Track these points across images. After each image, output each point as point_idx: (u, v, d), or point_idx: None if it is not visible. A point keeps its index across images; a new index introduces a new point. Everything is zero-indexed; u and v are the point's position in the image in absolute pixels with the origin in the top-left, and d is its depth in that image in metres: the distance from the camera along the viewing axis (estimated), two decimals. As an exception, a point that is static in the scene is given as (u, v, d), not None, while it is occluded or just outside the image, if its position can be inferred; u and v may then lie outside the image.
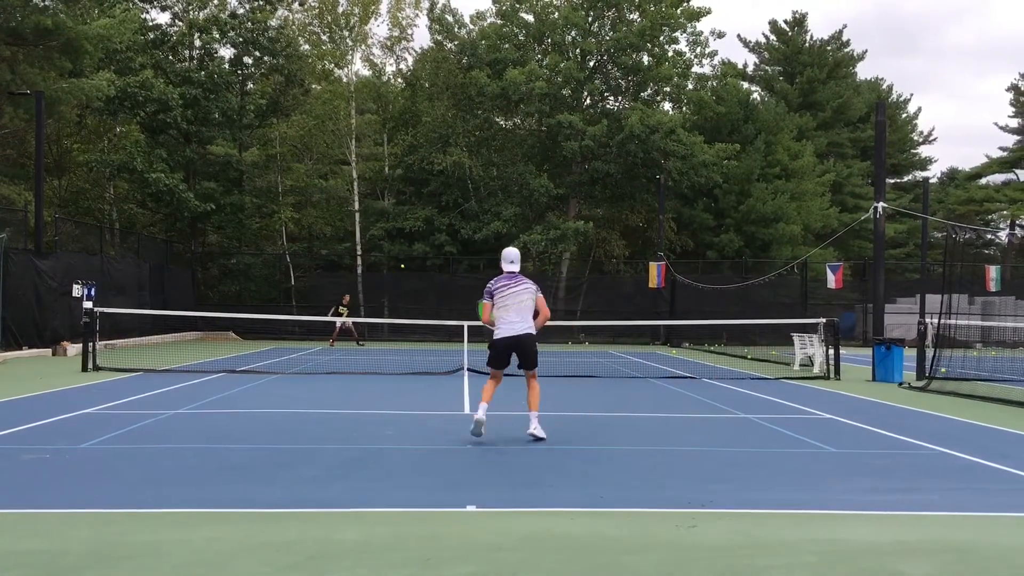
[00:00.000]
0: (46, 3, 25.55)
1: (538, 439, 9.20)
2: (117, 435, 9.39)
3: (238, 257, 38.20)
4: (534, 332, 9.43)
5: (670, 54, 40.06)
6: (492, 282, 9.56)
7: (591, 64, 40.04)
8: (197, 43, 37.21)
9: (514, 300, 9.33)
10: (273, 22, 37.82)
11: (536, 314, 9.52)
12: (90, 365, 17.33)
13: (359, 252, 38.73)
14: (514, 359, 9.58)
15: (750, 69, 56.45)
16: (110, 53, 30.46)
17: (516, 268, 9.65)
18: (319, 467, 7.82)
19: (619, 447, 9.21)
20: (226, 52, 38.16)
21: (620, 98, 41.53)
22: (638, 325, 33.38)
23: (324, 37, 40.13)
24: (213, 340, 32.03)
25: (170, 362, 19.65)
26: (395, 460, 8.23)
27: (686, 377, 18.55)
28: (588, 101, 41.03)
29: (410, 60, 43.68)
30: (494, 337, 9.51)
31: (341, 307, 29.57)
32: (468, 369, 18.20)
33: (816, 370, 19.64)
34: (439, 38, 40.90)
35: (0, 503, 6.28)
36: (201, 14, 37.05)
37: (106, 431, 9.59)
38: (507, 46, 39.22)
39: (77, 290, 24.43)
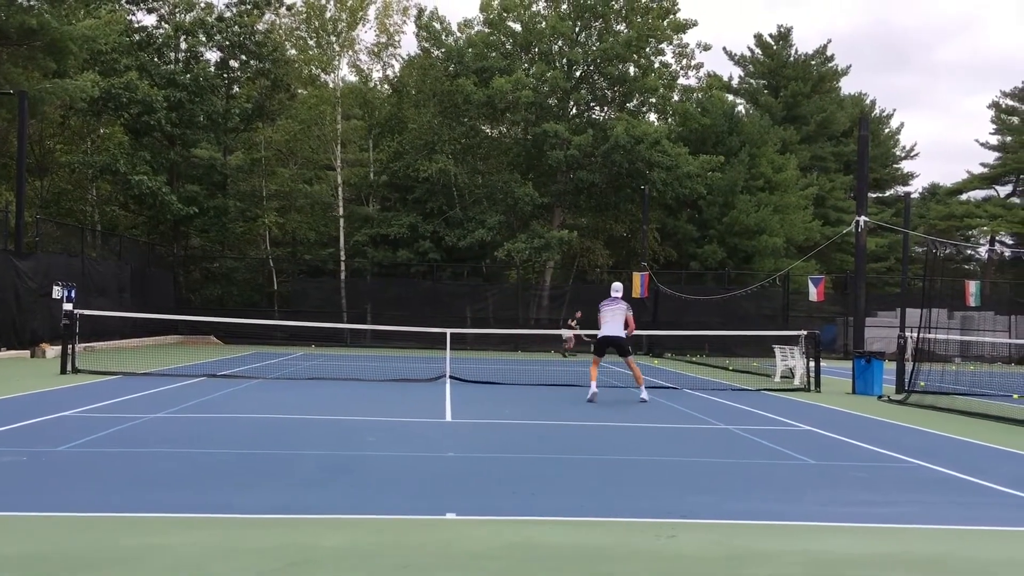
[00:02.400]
0: (31, 3, 25.42)
1: (643, 401, 14.69)
2: (96, 438, 9.33)
3: (221, 261, 38.04)
4: (623, 335, 15.12)
5: (656, 65, 40.28)
6: (602, 303, 15.32)
7: (577, 74, 40.18)
8: (183, 46, 37.09)
9: (610, 315, 15.04)
10: (260, 26, 37.77)
11: (627, 324, 15.08)
12: (69, 367, 17.21)
13: (343, 258, 38.65)
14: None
15: (735, 82, 56.82)
16: (95, 54, 30.33)
17: (619, 294, 15.39)
18: (300, 473, 7.80)
19: (600, 456, 9.23)
20: (212, 55, 38.09)
21: (606, 108, 41.70)
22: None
23: (311, 42, 40.10)
24: (194, 344, 31.87)
25: (150, 365, 19.53)
26: (376, 467, 8.21)
27: (668, 387, 18.61)
28: (574, 111, 41.17)
29: (397, 67, 43.71)
30: (598, 336, 15.21)
31: (572, 321, 31.31)
32: (450, 376, 18.20)
33: (797, 382, 19.74)
34: (426, 45, 40.95)
35: (-24, 506, 6.23)
36: (187, 17, 36.94)
37: (85, 434, 9.53)
38: (494, 54, 39.30)
39: (57, 291, 24.24)
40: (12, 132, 25.78)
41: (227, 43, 36.58)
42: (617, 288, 15.51)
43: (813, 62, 55.56)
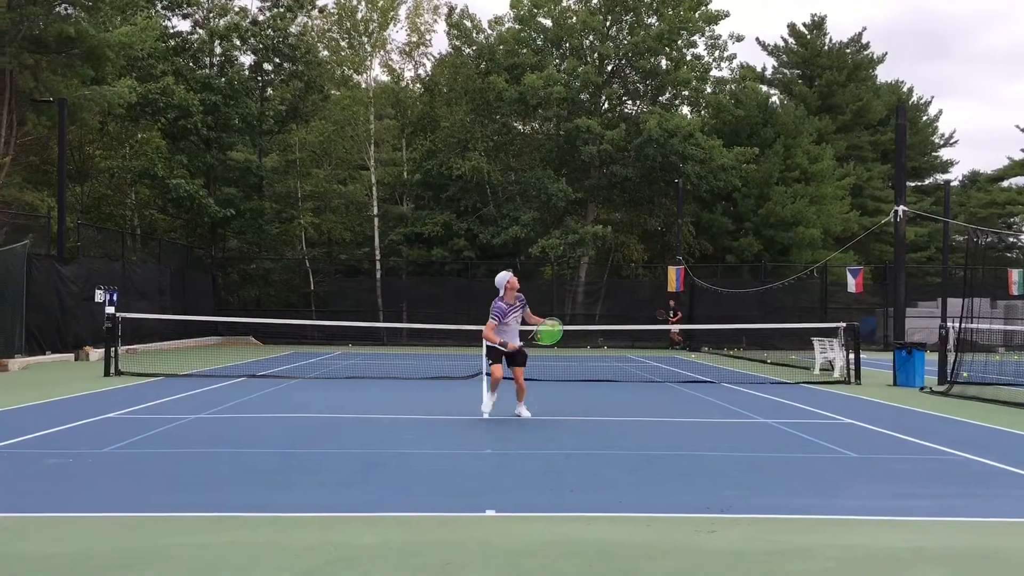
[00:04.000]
0: (69, 11, 25.81)
1: (518, 416, 11.82)
2: (139, 439, 9.48)
3: (258, 262, 38.41)
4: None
5: (688, 58, 40.00)
6: (503, 303, 11.76)
7: (609, 68, 40.01)
8: (217, 50, 37.50)
9: (514, 319, 11.83)
10: (293, 29, 38.07)
11: (523, 322, 12.14)
12: (112, 370, 17.49)
13: (378, 257, 38.86)
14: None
15: (768, 72, 56.24)
16: (132, 60, 30.74)
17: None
18: (338, 471, 7.86)
19: (638, 452, 9.20)
20: (246, 59, 38.46)
21: (638, 102, 41.51)
22: (657, 329, 33.27)
23: (343, 43, 40.33)
24: (233, 345, 32.22)
25: (191, 367, 19.80)
26: (414, 464, 8.25)
27: (705, 381, 18.49)
28: (606, 105, 41.01)
29: (428, 65, 43.83)
30: (512, 345, 11.84)
31: (666, 314, 32.46)
32: (486, 374, 18.20)
33: (836, 374, 19.53)
34: (457, 43, 40.99)
35: (24, 507, 6.36)
36: (222, 22, 37.34)
37: (129, 436, 9.68)
38: (525, 51, 39.25)
39: (99, 295, 24.65)
40: (53, 139, 26.21)
41: (261, 46, 36.91)
42: (513, 282, 11.71)
43: (848, 50, 54.82)
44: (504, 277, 11.55)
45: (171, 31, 37.10)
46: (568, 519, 6.19)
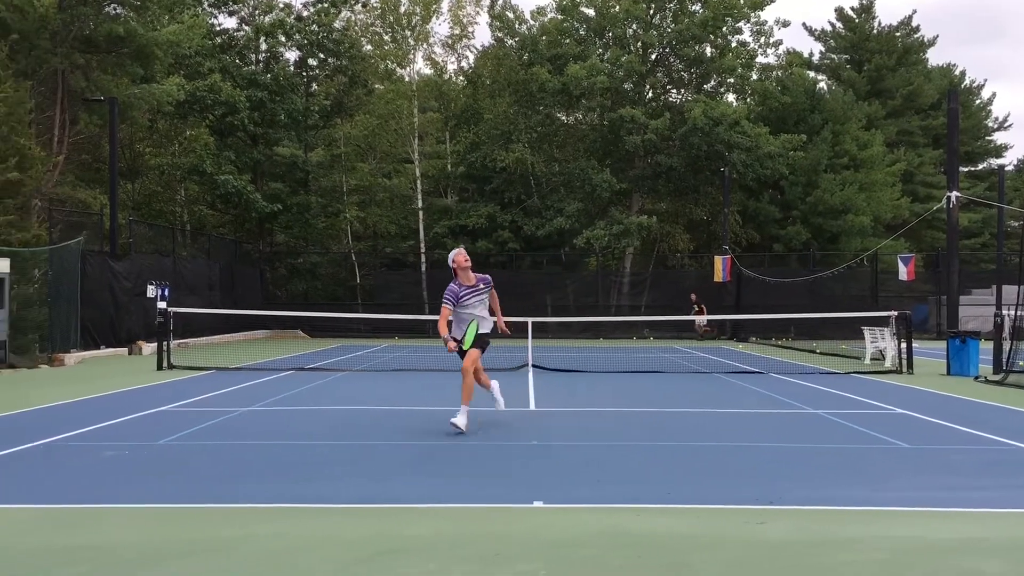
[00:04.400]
0: (118, 11, 26.25)
1: (454, 426, 9.43)
2: (191, 432, 9.64)
3: (305, 256, 38.83)
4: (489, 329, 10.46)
5: (733, 45, 39.53)
6: (461, 284, 9.93)
7: (653, 57, 39.70)
8: (263, 46, 37.93)
9: (478, 302, 10.03)
10: (337, 24, 38.35)
11: (491, 312, 10.57)
12: (164, 364, 17.80)
13: (423, 250, 39.05)
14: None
15: (816, 58, 55.37)
16: (179, 58, 31.21)
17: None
18: (386, 463, 7.93)
19: (685, 443, 9.14)
20: (291, 55, 38.89)
21: (683, 91, 41.14)
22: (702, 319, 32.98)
23: (386, 37, 40.57)
24: (281, 338, 32.62)
25: (241, 360, 20.09)
26: (462, 456, 8.29)
27: (753, 372, 18.31)
28: (650, 94, 40.71)
29: (471, 58, 43.92)
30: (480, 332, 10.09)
31: (694, 306, 33.07)
32: (532, 365, 18.25)
33: (888, 364, 19.21)
34: (500, 35, 40.98)
35: (81, 498, 6.50)
36: (267, 18, 37.74)
37: (181, 428, 9.85)
38: (568, 41, 39.10)
39: (151, 291, 25.11)
40: (104, 137, 26.70)
41: (305, 42, 37.27)
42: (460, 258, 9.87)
43: (897, 34, 53.76)
44: (452, 253, 9.90)
45: (217, 28, 37.62)
46: (616, 510, 6.17)
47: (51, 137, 24.99)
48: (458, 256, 9.78)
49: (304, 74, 38.69)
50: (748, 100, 41.29)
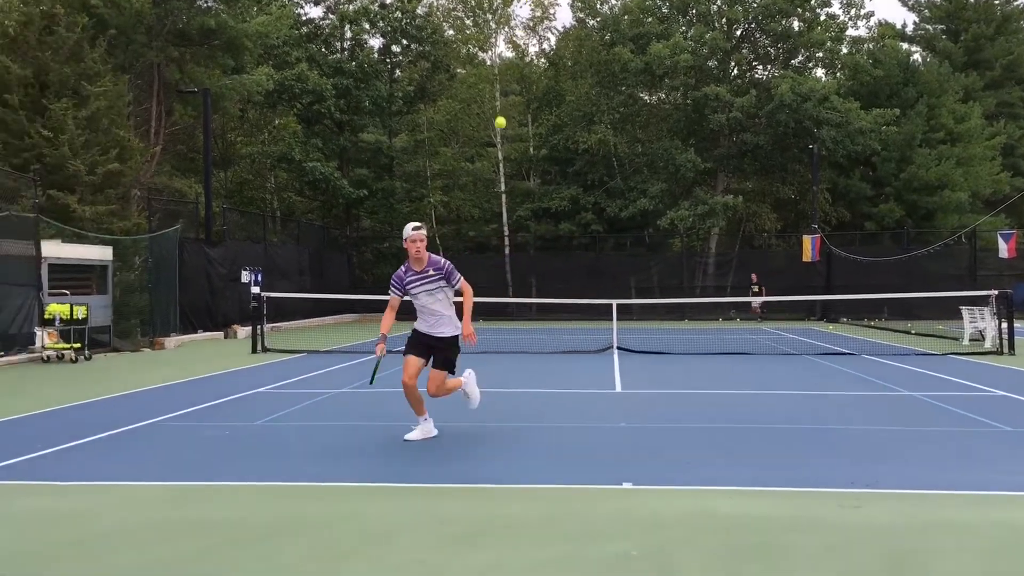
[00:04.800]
0: (209, 4, 27.01)
1: (407, 440, 8.11)
2: (287, 413, 9.94)
3: (391, 241, 39.40)
4: (450, 332, 8.25)
5: (822, 17, 38.51)
6: (409, 271, 8.33)
7: (738, 33, 38.93)
8: (348, 34, 38.52)
9: (426, 295, 8.20)
10: (419, 10, 38.68)
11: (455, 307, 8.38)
12: (259, 347, 18.34)
13: (506, 233, 39.22)
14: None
15: (909, 29, 53.44)
16: (268, 49, 31.95)
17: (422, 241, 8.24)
18: (480, 444, 8.05)
19: (775, 425, 9.02)
20: (375, 42, 39.39)
21: (769, 67, 40.26)
22: (792, 300, 32.36)
23: (468, 21, 40.76)
24: (369, 322, 33.19)
25: (331, 344, 20.55)
26: (550, 438, 8.36)
27: (845, 353, 17.92)
28: (735, 71, 39.96)
29: (553, 39, 43.80)
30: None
31: (753, 286, 32.65)
32: (617, 347, 18.21)
33: (988, 345, 18.56)
34: (581, 16, 40.74)
35: (186, 476, 6.78)
36: (352, 6, 38.29)
37: (277, 409, 10.17)
38: (650, 19, 38.64)
39: (245, 276, 25.87)
40: (198, 128, 27.56)
41: (389, 29, 37.73)
42: (422, 234, 8.04)
43: (996, 2, 51.48)
44: (406, 230, 7.99)
45: (303, 18, 38.34)
46: (706, 492, 6.15)
47: (148, 129, 25.91)
48: (412, 233, 7.90)
49: (388, 61, 39.16)
50: (838, 75, 40.18)
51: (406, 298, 8.19)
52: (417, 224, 8.09)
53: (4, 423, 9.37)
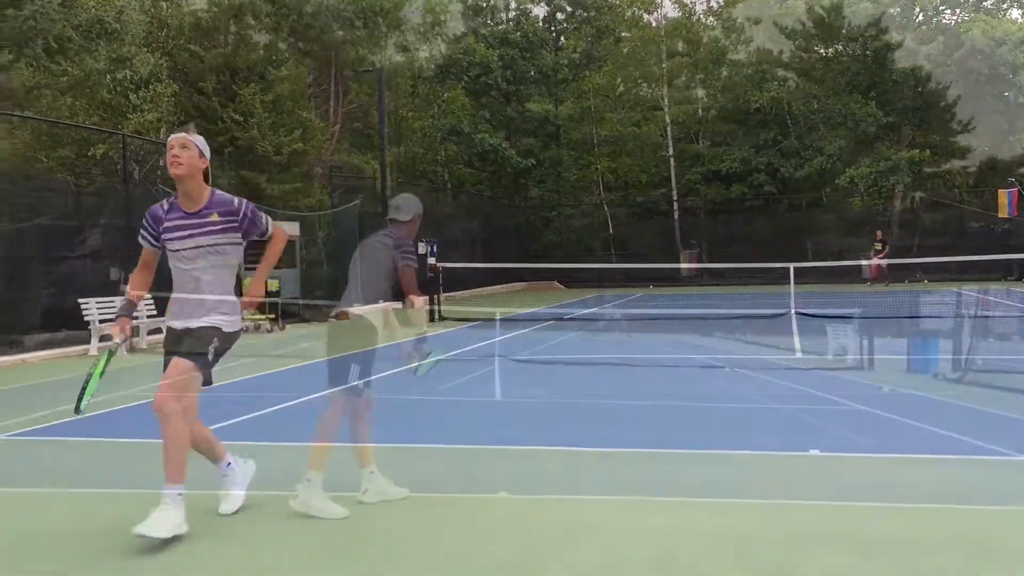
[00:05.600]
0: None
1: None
2: (466, 380, 10.23)
3: (559, 209, 39.65)
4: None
5: (1018, -47, 35.53)
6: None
7: (922, -24, 36.53)
8: (512, 4, 38.78)
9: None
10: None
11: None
12: (436, 316, 18.95)
13: (675, 197, 38.62)
14: None
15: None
16: (433, 25, 32.69)
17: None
18: (657, 411, 8.07)
19: (977, 388, 8.53)
20: (539, 11, 39.45)
21: (958, 11, 37.59)
22: (987, 260, 30.18)
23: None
24: (538, 290, 33.64)
25: (502, 312, 20.95)
26: (731, 404, 8.26)
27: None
28: (920, 18, 37.58)
29: (721, -5, 42.40)
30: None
31: (876, 244, 29.83)
32: (796, 312, 17.67)
33: None
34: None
35: (387, 438, 7.14)
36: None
37: (456, 377, 10.45)
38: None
39: (422, 248, 26.67)
40: (373, 105, 28.57)
41: (553, -3, 37.78)
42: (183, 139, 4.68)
43: None
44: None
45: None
46: (893, 460, 5.95)
47: (327, 109, 27.10)
48: (173, 139, 4.70)
49: (552, 29, 39.21)
50: (1037, 14, 37.05)
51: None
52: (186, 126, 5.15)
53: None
